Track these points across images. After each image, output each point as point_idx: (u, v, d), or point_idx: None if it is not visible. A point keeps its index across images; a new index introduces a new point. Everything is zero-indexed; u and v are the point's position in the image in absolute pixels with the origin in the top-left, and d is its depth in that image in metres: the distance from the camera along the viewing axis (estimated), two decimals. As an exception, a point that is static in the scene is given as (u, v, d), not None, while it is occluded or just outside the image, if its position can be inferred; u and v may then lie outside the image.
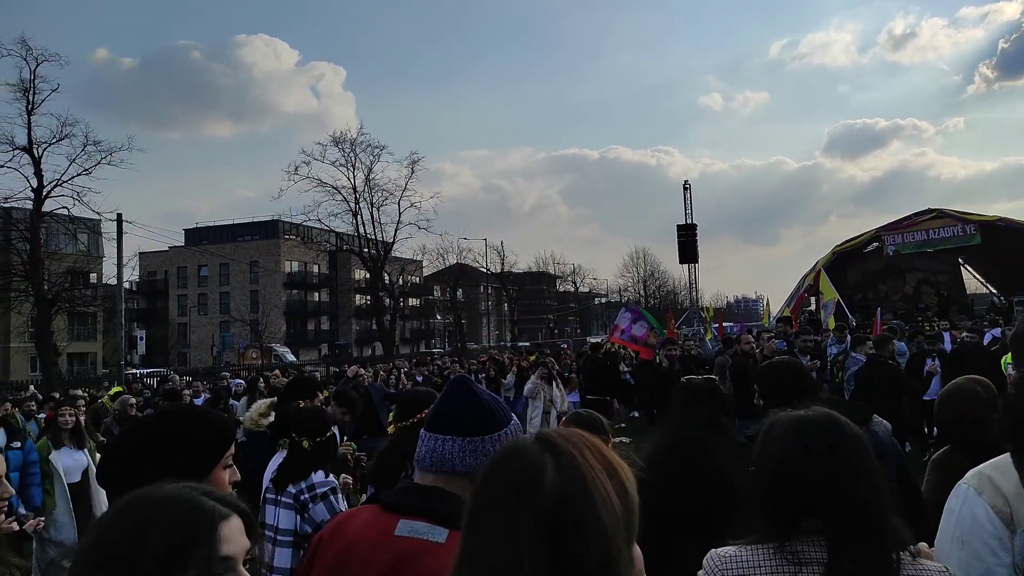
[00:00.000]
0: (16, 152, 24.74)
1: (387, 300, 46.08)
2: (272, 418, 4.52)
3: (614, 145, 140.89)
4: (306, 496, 3.30)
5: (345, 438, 5.31)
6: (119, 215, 24.58)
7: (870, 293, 31.22)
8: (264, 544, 3.33)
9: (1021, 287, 26.47)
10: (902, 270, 31.34)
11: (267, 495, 3.46)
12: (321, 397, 5.26)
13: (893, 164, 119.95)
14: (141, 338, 53.82)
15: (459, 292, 58.10)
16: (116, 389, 12.94)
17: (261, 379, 12.38)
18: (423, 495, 1.47)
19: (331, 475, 3.48)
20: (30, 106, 25.25)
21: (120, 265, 25.08)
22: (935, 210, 28.20)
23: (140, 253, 54.10)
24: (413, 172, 42.30)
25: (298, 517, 3.30)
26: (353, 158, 41.44)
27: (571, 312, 75.01)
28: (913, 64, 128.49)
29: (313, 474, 3.36)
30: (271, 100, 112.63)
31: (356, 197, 41.72)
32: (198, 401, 10.71)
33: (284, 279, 58.96)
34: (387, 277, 45.84)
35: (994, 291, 32.26)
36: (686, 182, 34.56)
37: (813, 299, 28.41)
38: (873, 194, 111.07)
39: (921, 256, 29.80)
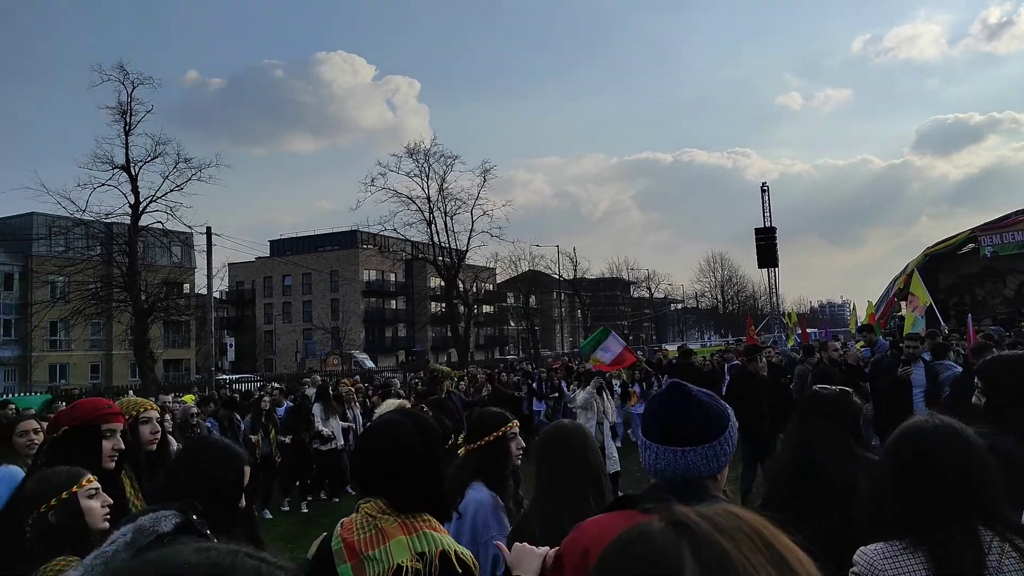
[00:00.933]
0: (115, 171, 26.33)
1: (461, 307, 46.64)
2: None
3: (688, 148, 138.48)
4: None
5: None
6: (208, 228, 25.89)
7: (966, 297, 29.43)
8: None
9: None
10: (1001, 272, 29.40)
11: None
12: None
13: (990, 160, 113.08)
14: (230, 345, 56.31)
15: (532, 299, 58.22)
16: (187, 398, 13.13)
17: (330, 387, 12.43)
18: (686, 493, 1.45)
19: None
20: (127, 127, 26.84)
21: (210, 276, 26.39)
22: (1038, 208, 26.37)
23: (229, 264, 57.04)
24: (485, 181, 42.68)
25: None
26: (427, 168, 42.21)
27: (646, 318, 73.93)
28: (1010, 54, 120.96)
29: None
30: (349, 115, 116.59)
31: (430, 206, 42.45)
32: (280, 410, 10.91)
33: (363, 287, 60.58)
34: (461, 285, 46.38)
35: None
36: (764, 184, 33.64)
37: (904, 303, 27.04)
38: (968, 192, 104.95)
39: (1022, 257, 27.91)
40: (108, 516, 2.17)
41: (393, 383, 15.79)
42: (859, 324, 21.77)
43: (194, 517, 1.74)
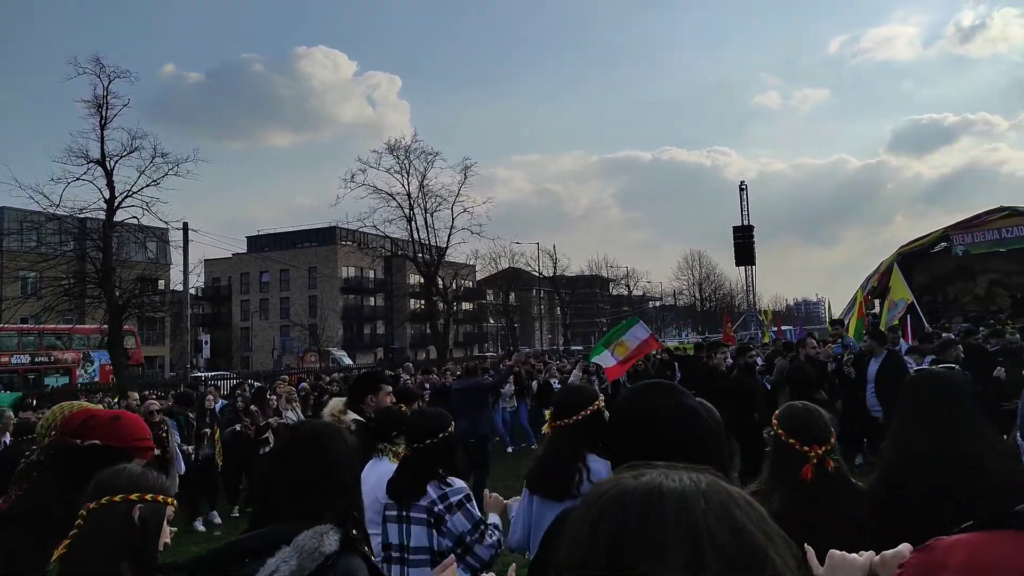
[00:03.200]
0: (90, 165, 25.86)
1: (441, 304, 46.57)
2: (350, 417, 4.15)
3: (668, 146, 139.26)
4: (441, 507, 2.95)
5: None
6: (185, 224, 25.58)
7: (939, 295, 30.02)
8: (389, 566, 2.99)
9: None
10: (973, 271, 30.01)
11: (387, 512, 3.10)
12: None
13: (963, 161, 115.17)
14: (206, 342, 55.70)
15: (512, 296, 58.30)
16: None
17: (270, 390, 11.64)
18: None
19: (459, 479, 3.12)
20: (103, 121, 26.37)
21: (186, 272, 26.10)
22: (1007, 208, 26.96)
23: (205, 260, 56.36)
24: (466, 178, 42.59)
25: (433, 532, 2.96)
26: (407, 165, 42.03)
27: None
28: (983, 57, 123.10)
29: (440, 483, 3.00)
30: (329, 110, 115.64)
31: (410, 203, 42.28)
32: (216, 406, 10.55)
33: (341, 284, 60.22)
34: (441, 282, 46.28)
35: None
36: (742, 183, 34.02)
37: (876, 301, 27.51)
38: (942, 192, 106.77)
39: (993, 256, 28.49)
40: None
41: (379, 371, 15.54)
42: (832, 318, 22.12)
43: (354, 532, 1.55)
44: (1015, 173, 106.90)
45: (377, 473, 3.33)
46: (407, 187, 42.26)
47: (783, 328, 26.97)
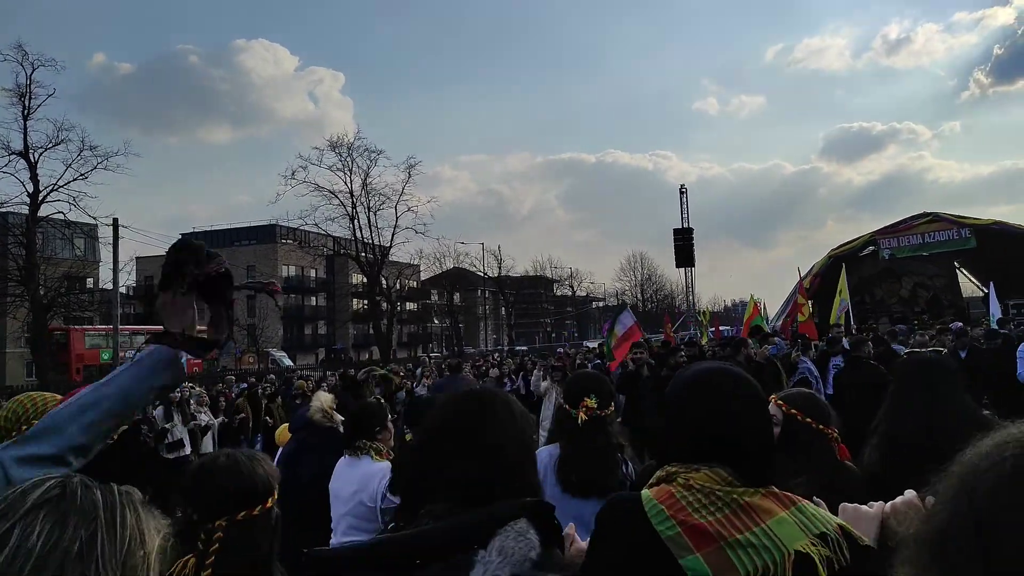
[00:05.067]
0: (12, 157, 24.77)
1: (384, 304, 46.07)
2: (339, 418, 3.98)
3: (612, 149, 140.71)
4: None
5: None
6: (115, 220, 24.59)
7: (866, 297, 31.31)
8: None
9: (1017, 291, 26.55)
10: (898, 274, 31.42)
11: (387, 518, 2.99)
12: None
13: (890, 168, 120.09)
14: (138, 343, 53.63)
15: (456, 296, 58.12)
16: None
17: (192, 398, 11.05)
18: None
19: None
20: (26, 111, 25.26)
21: (116, 270, 25.10)
22: (930, 214, 28.32)
23: (137, 258, 54.19)
24: (410, 176, 42.35)
25: None
26: (350, 162, 41.53)
27: (568, 316, 75.00)
28: (908, 69, 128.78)
29: None
30: (269, 105, 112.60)
31: (353, 201, 41.78)
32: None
33: (281, 283, 58.89)
34: (384, 281, 45.82)
35: (995, 295, 32.33)
36: (682, 186, 34.74)
37: (811, 303, 28.48)
38: (870, 198, 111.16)
39: (917, 260, 29.89)
40: None
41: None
42: (770, 323, 22.76)
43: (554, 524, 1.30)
44: (938, 180, 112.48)
45: (360, 474, 3.13)
46: (350, 185, 41.77)
47: (721, 328, 27.64)
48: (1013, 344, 9.28)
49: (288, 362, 48.19)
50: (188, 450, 9.62)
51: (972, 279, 33.31)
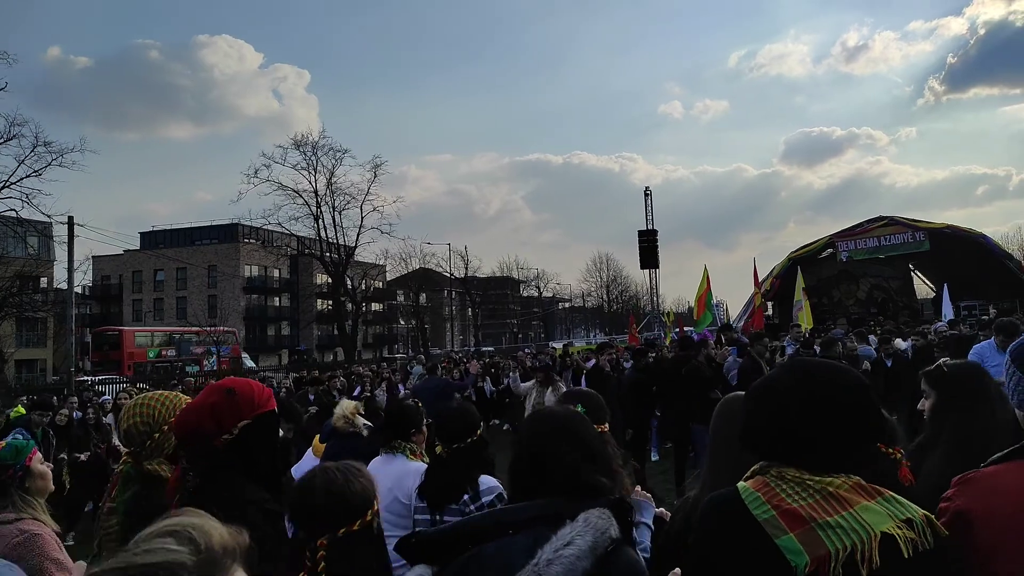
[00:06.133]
0: (-40, 152, 23.94)
1: (349, 305, 45.64)
2: (361, 421, 4.01)
3: (579, 151, 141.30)
4: (472, 508, 2.76)
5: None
6: (70, 218, 23.92)
7: (824, 298, 32.00)
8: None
9: (968, 292, 27.42)
10: (855, 276, 32.18)
11: (418, 516, 2.96)
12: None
13: (849, 172, 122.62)
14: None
15: (422, 297, 57.86)
16: (17, 411, 10.38)
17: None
18: None
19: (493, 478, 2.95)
20: (-24, 105, 24.45)
21: (71, 269, 24.38)
22: (886, 218, 29.09)
23: (93, 257, 52.97)
24: (376, 176, 42.06)
25: None
26: (315, 161, 41.09)
27: (535, 317, 75.21)
28: (866, 76, 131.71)
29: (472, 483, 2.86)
30: (232, 102, 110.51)
31: (318, 201, 41.35)
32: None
33: (243, 284, 57.94)
34: (349, 282, 45.40)
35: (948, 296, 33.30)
36: (647, 188, 35.00)
37: (771, 304, 29.03)
38: (830, 201, 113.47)
39: (873, 262, 30.68)
40: None
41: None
42: (733, 323, 23.12)
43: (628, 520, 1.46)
44: (894, 185, 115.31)
45: (395, 471, 3.15)
46: (314, 184, 41.32)
47: (685, 329, 28.00)
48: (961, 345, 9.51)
49: (251, 364, 47.41)
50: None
51: (926, 281, 34.31)
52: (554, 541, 1.31)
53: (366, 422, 4.09)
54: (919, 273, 33.51)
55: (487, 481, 2.85)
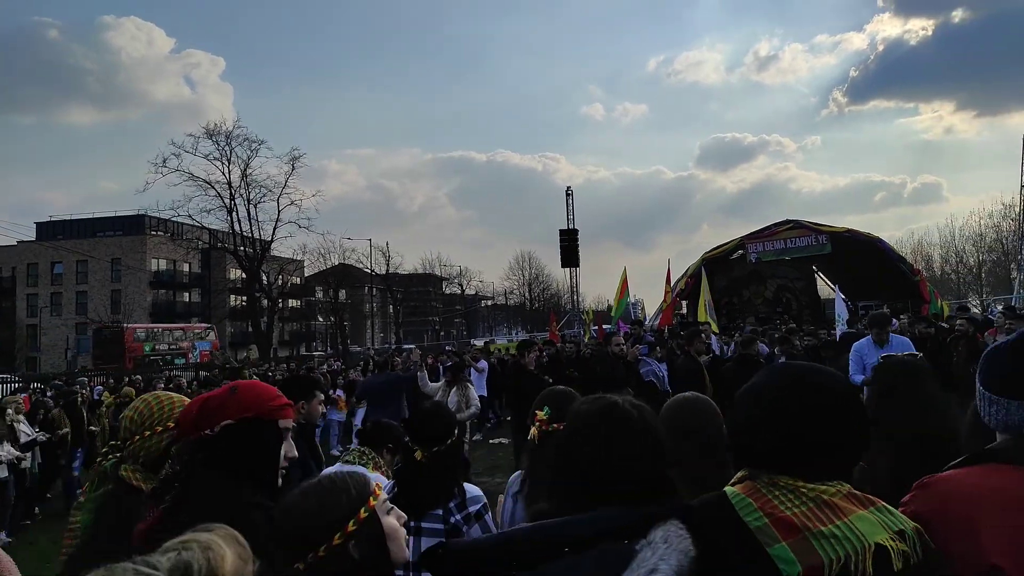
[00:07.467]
0: None
1: (264, 301, 44.26)
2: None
3: (502, 149, 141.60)
4: (458, 517, 2.56)
5: None
6: (-48, 205, 22.17)
7: (735, 297, 33.27)
8: None
9: (867, 293, 29.07)
10: (764, 276, 33.57)
11: None
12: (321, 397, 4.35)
13: (759, 177, 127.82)
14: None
15: (342, 293, 56.68)
16: None
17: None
18: None
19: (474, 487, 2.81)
20: None
21: (-47, 260, 22.61)
22: (792, 221, 30.44)
23: (-18, 247, 49.41)
24: (294, 169, 40.95)
25: None
26: (228, 152, 39.67)
27: (457, 314, 74.95)
28: (776, 85, 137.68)
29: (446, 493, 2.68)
30: (140, 87, 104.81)
31: (231, 192, 39.94)
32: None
33: (150, 278, 55.26)
34: (264, 277, 44.05)
35: (843, 297, 35.20)
36: (568, 188, 35.51)
37: (684, 303, 29.92)
38: (741, 205, 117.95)
39: (780, 263, 32.07)
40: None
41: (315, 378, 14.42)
42: (648, 320, 23.72)
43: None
44: (801, 190, 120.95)
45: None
46: (228, 175, 39.88)
47: (604, 327, 28.49)
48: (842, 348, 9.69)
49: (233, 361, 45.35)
50: (5, 474, 8.47)
51: (827, 282, 36.15)
52: (635, 569, 1.18)
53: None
54: (821, 275, 35.23)
55: (472, 489, 2.69)
